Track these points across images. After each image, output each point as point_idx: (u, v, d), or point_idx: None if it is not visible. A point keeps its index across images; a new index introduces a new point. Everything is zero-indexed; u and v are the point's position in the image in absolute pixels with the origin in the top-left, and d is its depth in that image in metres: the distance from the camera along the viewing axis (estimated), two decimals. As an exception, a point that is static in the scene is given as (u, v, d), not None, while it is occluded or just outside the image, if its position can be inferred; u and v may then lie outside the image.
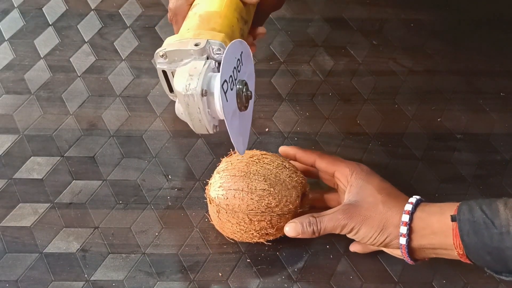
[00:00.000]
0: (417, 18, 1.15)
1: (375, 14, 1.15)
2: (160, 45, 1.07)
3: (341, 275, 0.87)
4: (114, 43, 1.09)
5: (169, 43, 0.81)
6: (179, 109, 0.80)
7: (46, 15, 1.12)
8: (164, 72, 0.82)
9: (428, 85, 1.06)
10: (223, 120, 0.76)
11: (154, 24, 1.11)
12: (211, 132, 0.78)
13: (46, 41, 1.08)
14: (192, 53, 0.79)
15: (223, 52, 0.77)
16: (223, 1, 0.85)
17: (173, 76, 0.81)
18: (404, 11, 1.16)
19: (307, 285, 0.86)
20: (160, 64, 0.81)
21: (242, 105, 0.78)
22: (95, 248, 0.87)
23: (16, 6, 1.13)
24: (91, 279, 0.85)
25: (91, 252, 0.87)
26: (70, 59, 1.06)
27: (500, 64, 1.09)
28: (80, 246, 0.88)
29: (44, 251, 0.87)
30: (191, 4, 0.88)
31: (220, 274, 0.86)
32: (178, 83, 0.76)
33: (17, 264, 0.86)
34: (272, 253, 0.88)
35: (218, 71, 0.78)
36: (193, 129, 0.79)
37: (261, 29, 0.90)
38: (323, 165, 0.86)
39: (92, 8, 1.13)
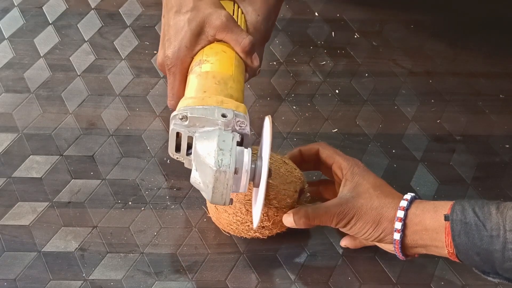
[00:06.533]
0: (417, 19, 1.15)
1: (375, 15, 1.15)
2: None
3: (339, 276, 0.87)
4: (114, 42, 1.09)
5: (191, 107, 0.78)
6: (196, 178, 0.78)
7: (46, 14, 1.12)
8: (177, 133, 0.80)
9: (427, 86, 1.06)
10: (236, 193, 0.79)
11: (154, 23, 1.11)
12: (226, 205, 0.77)
13: (46, 40, 1.08)
14: (218, 123, 0.77)
15: (246, 124, 0.78)
16: (232, 62, 0.84)
17: (185, 139, 0.79)
18: (404, 13, 1.16)
19: (306, 286, 0.86)
20: (177, 126, 0.78)
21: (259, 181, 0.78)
22: (93, 247, 0.87)
23: (16, 4, 1.13)
24: (89, 278, 0.85)
25: (89, 251, 0.87)
26: (70, 58, 1.06)
27: (499, 66, 1.09)
28: (79, 245, 0.87)
29: (42, 250, 0.87)
30: (193, 57, 0.86)
31: (219, 274, 0.86)
32: (207, 157, 0.75)
33: (16, 263, 0.86)
34: (270, 253, 0.88)
35: (240, 145, 0.78)
36: (208, 199, 0.78)
37: None
38: (324, 155, 0.87)
39: (92, 7, 1.13)
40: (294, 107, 1.02)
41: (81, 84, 1.03)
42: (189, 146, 0.80)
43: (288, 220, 0.84)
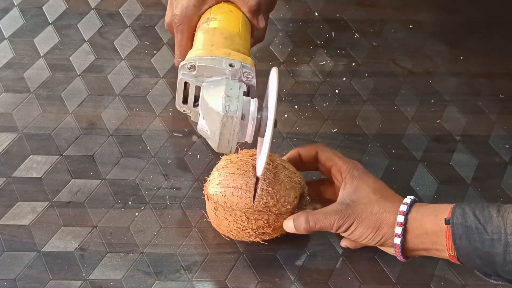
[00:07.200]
0: (417, 19, 1.15)
1: (375, 15, 1.15)
2: (160, 45, 1.08)
3: (339, 276, 0.87)
4: (114, 42, 1.09)
5: (199, 57, 0.80)
6: (203, 126, 0.79)
7: (46, 13, 1.12)
8: (185, 84, 0.82)
9: (427, 86, 1.06)
10: (241, 142, 0.80)
11: (154, 23, 1.11)
12: (232, 152, 0.80)
13: (46, 39, 1.08)
14: (226, 73, 0.79)
15: (253, 76, 0.80)
16: (239, 21, 0.87)
17: (193, 89, 0.81)
18: (404, 13, 1.16)
19: (306, 286, 0.86)
20: (185, 75, 0.81)
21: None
22: (93, 247, 0.87)
23: (16, 4, 1.13)
24: (89, 278, 0.85)
25: (89, 251, 0.87)
26: (70, 58, 1.06)
27: (499, 66, 1.09)
28: (79, 245, 0.87)
29: (42, 250, 0.87)
30: (200, 15, 0.88)
31: (218, 274, 0.86)
32: (215, 103, 0.77)
33: (15, 263, 0.86)
34: (270, 253, 0.88)
35: (247, 95, 0.80)
36: (214, 148, 0.79)
37: None
38: (323, 158, 0.87)
39: (92, 7, 1.13)
40: (294, 107, 1.02)
41: (81, 84, 1.03)
42: (196, 99, 0.82)
43: (289, 226, 0.83)
